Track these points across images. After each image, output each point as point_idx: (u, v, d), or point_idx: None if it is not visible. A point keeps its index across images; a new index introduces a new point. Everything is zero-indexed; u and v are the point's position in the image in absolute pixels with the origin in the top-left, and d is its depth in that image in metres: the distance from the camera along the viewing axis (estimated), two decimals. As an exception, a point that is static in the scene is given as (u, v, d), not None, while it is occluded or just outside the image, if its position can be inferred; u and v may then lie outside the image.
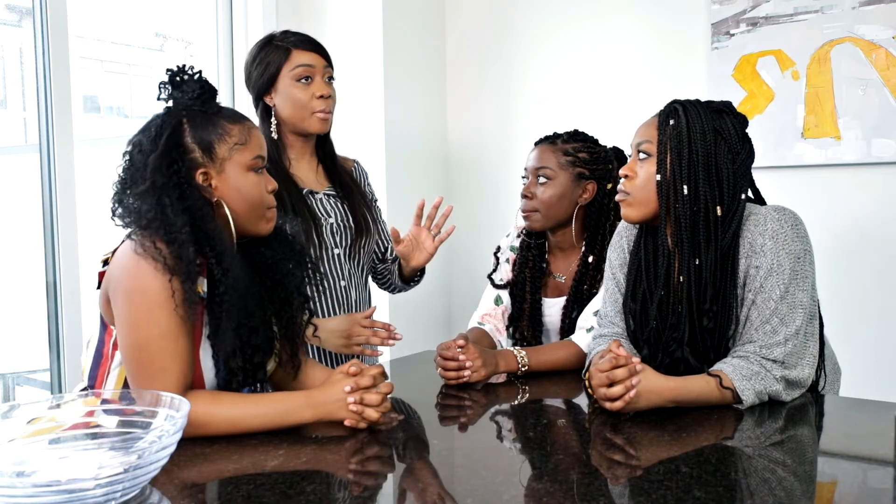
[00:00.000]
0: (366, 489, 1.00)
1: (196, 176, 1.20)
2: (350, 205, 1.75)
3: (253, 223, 1.26)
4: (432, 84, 3.03)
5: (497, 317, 1.82)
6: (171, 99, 1.24)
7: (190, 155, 1.20)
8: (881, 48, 2.16)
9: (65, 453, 0.98)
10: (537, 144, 1.77)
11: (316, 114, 1.67)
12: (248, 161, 1.24)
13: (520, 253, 1.83)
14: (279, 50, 1.68)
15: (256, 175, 1.25)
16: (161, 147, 1.17)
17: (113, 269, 1.18)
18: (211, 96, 1.26)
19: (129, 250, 1.15)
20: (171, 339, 1.13)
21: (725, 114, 1.38)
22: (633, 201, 1.40)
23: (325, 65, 1.70)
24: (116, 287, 1.16)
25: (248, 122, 1.27)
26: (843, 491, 0.97)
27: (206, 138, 1.21)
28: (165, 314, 1.13)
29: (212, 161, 1.21)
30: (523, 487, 0.96)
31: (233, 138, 1.22)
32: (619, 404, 1.21)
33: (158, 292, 1.12)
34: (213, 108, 1.24)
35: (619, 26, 2.65)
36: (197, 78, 1.24)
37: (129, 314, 1.14)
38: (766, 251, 1.32)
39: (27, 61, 2.20)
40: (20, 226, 2.34)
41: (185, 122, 1.21)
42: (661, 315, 1.41)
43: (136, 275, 1.13)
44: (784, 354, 1.29)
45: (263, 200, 1.26)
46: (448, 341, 1.53)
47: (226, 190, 1.22)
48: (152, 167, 1.16)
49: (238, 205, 1.23)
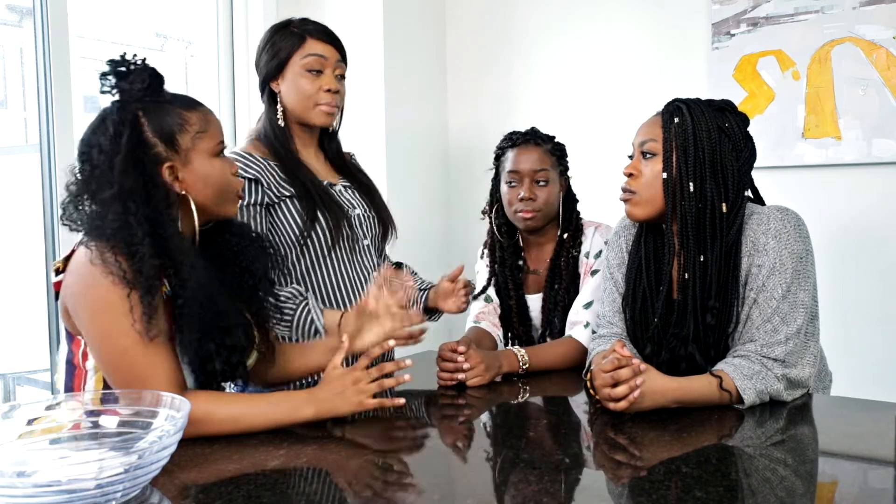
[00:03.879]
0: (366, 489, 1.00)
1: (162, 172, 1.15)
2: (372, 202, 1.73)
3: (220, 207, 1.23)
4: (433, 82, 3.03)
5: (491, 313, 1.83)
6: (117, 91, 1.16)
7: (153, 150, 1.15)
8: (881, 48, 2.16)
9: (65, 453, 0.98)
10: (518, 145, 1.77)
11: (320, 106, 1.61)
12: (212, 147, 1.20)
13: (492, 256, 1.84)
14: (293, 36, 1.62)
15: (220, 160, 1.22)
16: (124, 147, 1.12)
17: (70, 281, 1.13)
18: (160, 84, 1.19)
19: (85, 260, 1.10)
20: (145, 344, 1.10)
21: (728, 112, 1.38)
22: (640, 200, 1.40)
23: (338, 59, 1.64)
24: (77, 303, 1.12)
25: (203, 107, 1.22)
26: (843, 491, 0.97)
27: (166, 129, 1.16)
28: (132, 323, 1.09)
29: (176, 153, 1.17)
30: (523, 487, 0.95)
31: (193, 126, 1.18)
32: (623, 404, 1.21)
33: (120, 303, 1.08)
34: (167, 97, 1.19)
35: (619, 26, 2.65)
36: (144, 67, 1.17)
37: (96, 329, 1.11)
38: (768, 250, 1.32)
39: (27, 61, 2.20)
40: (20, 226, 2.33)
41: (140, 115, 1.15)
42: (663, 313, 1.41)
43: (95, 288, 1.09)
44: (785, 353, 1.29)
45: (231, 184, 1.24)
46: (450, 342, 1.53)
47: (192, 181, 1.18)
48: (119, 169, 1.11)
49: (206, 193, 1.20)
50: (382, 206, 1.75)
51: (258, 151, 1.61)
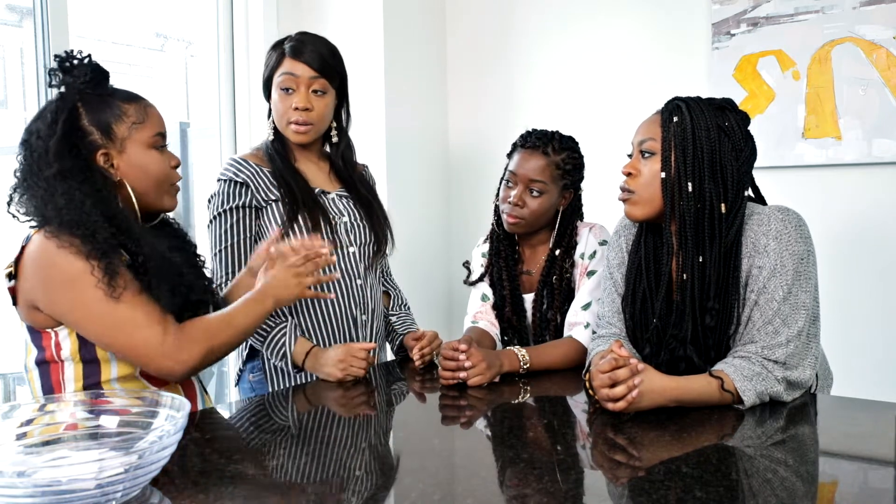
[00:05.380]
0: (366, 489, 1.00)
1: (97, 158, 1.23)
2: (368, 214, 1.76)
3: (157, 198, 1.31)
4: (433, 86, 3.03)
5: (488, 312, 1.83)
6: (62, 85, 1.25)
7: (89, 138, 1.23)
8: (882, 48, 2.16)
9: (65, 453, 0.98)
10: (526, 148, 1.75)
11: (291, 125, 1.67)
12: (148, 139, 1.27)
13: (491, 247, 1.85)
14: (276, 54, 1.69)
15: (158, 152, 1.29)
16: (59, 131, 1.20)
17: (29, 273, 1.19)
18: (103, 78, 1.27)
19: (40, 248, 1.17)
20: (116, 301, 1.16)
21: (728, 111, 1.37)
22: (638, 199, 1.40)
23: (312, 76, 1.65)
24: (45, 289, 1.18)
25: (143, 101, 1.30)
26: (843, 491, 0.97)
27: (103, 119, 1.24)
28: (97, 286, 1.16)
29: (111, 141, 1.24)
30: (523, 487, 0.95)
31: (130, 118, 1.26)
32: (621, 405, 1.21)
33: (83, 274, 1.15)
34: (107, 90, 1.27)
35: (619, 27, 2.65)
36: (87, 62, 1.25)
37: (69, 304, 1.17)
38: (769, 251, 1.32)
39: (27, 61, 2.20)
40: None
41: (79, 105, 1.23)
42: (662, 313, 1.41)
43: (56, 267, 1.16)
44: (786, 355, 1.29)
45: (168, 176, 1.31)
46: (452, 342, 1.53)
47: (128, 169, 1.26)
48: (54, 151, 1.18)
49: (141, 182, 1.27)
50: (378, 219, 1.78)
51: (254, 159, 1.70)
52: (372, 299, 1.76)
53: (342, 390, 1.50)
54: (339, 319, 1.70)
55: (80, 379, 1.24)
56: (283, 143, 1.72)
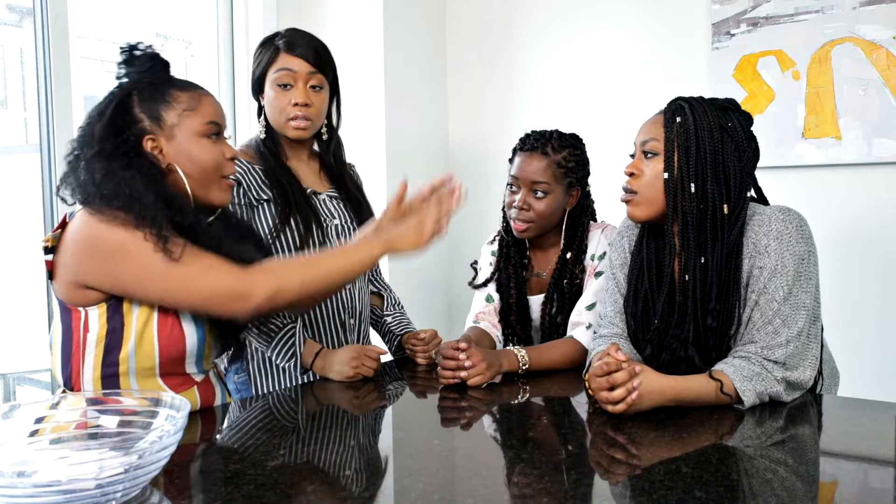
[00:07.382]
0: (366, 489, 1.00)
1: (144, 143, 1.22)
2: (358, 217, 1.75)
3: (206, 189, 1.27)
4: (433, 87, 3.03)
5: (491, 314, 1.83)
6: (126, 76, 1.25)
7: (138, 125, 1.22)
8: (882, 48, 2.16)
9: (65, 453, 0.98)
10: (525, 150, 1.74)
11: (291, 121, 1.64)
12: (199, 127, 1.25)
13: (500, 252, 1.84)
14: (269, 50, 1.66)
15: (210, 141, 1.26)
16: (107, 116, 1.20)
17: (75, 249, 1.16)
18: (161, 68, 1.26)
19: (84, 222, 1.15)
20: (176, 261, 1.14)
21: (731, 111, 1.37)
22: (641, 200, 1.39)
23: (310, 71, 1.63)
24: (98, 260, 1.15)
25: (200, 89, 1.28)
26: (843, 491, 0.97)
27: (153, 107, 1.23)
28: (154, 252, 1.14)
29: (160, 128, 1.23)
30: (524, 488, 0.95)
31: (181, 104, 1.24)
32: (621, 407, 1.21)
33: (135, 241, 1.13)
34: (163, 79, 1.26)
35: (619, 27, 2.65)
36: (148, 52, 1.25)
37: (131, 269, 1.15)
38: (770, 252, 1.32)
39: (28, 61, 2.20)
40: (20, 226, 2.34)
41: (134, 94, 1.23)
42: (664, 314, 1.41)
43: (105, 237, 1.14)
44: (786, 356, 1.29)
45: (218, 166, 1.27)
46: (451, 341, 1.53)
47: (176, 156, 1.24)
48: (98, 135, 1.18)
49: (190, 170, 1.24)
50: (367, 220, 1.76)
51: (245, 157, 1.67)
52: (360, 302, 1.75)
53: (342, 390, 1.50)
54: (327, 323, 1.69)
55: (98, 367, 1.22)
56: (275, 140, 1.69)
